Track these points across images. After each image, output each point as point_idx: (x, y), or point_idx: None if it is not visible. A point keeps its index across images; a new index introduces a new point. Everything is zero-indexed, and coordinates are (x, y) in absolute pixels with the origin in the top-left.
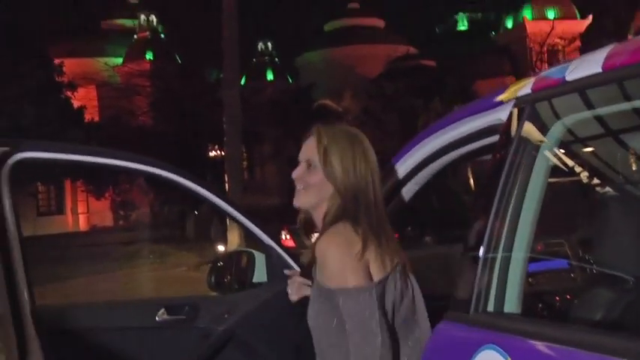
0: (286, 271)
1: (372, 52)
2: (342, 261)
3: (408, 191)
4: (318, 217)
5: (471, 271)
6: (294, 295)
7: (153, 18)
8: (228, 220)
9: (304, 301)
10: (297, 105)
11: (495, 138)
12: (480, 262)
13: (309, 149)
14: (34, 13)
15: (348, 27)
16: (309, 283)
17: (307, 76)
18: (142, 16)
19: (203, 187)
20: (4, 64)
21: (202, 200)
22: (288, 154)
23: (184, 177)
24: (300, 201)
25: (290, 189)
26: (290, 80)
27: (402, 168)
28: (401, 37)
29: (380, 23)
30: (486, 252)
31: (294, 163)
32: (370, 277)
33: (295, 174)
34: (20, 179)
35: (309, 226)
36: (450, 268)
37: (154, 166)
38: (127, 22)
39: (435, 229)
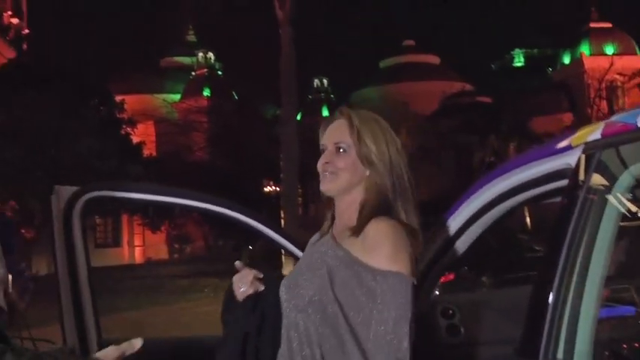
0: (237, 264)
1: (427, 89)
2: (400, 246)
3: (471, 234)
4: (344, 206)
5: (541, 316)
6: (247, 288)
7: (211, 55)
8: (283, 255)
9: (252, 295)
10: None
11: (563, 182)
12: (550, 307)
13: (336, 132)
14: (96, 51)
15: (403, 64)
16: (261, 275)
17: None
18: (200, 54)
19: (263, 223)
20: (69, 100)
21: (261, 236)
22: None
23: (245, 214)
24: (327, 186)
25: None
26: None
27: (466, 211)
28: (456, 74)
29: (435, 60)
30: (556, 297)
31: None
32: (413, 273)
33: (323, 159)
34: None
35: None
36: (507, 312)
37: (209, 202)
38: (186, 60)
39: (491, 269)
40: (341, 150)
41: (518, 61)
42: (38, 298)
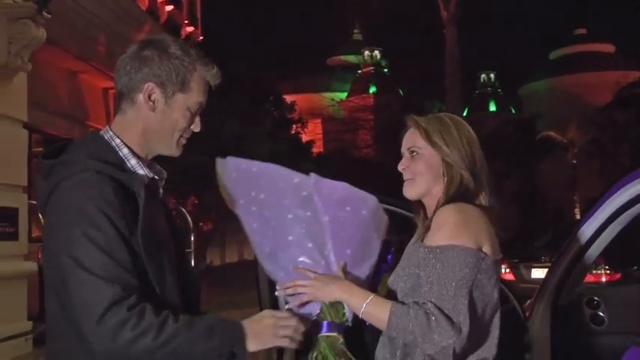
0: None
1: (600, 80)
2: (460, 225)
3: (611, 231)
4: (430, 206)
5: None
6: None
7: (377, 53)
8: None
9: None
10: (521, 136)
11: None
12: None
13: (409, 138)
14: (267, 54)
15: (574, 54)
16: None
17: (531, 106)
18: (366, 52)
19: None
20: (246, 105)
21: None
22: (511, 188)
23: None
24: (409, 191)
25: (516, 223)
26: (513, 111)
27: (608, 209)
28: (633, 62)
29: (609, 48)
30: None
31: (518, 198)
32: (480, 249)
33: (401, 165)
34: None
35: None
36: None
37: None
38: (352, 58)
39: None
40: (414, 154)
41: None
42: (214, 286)
